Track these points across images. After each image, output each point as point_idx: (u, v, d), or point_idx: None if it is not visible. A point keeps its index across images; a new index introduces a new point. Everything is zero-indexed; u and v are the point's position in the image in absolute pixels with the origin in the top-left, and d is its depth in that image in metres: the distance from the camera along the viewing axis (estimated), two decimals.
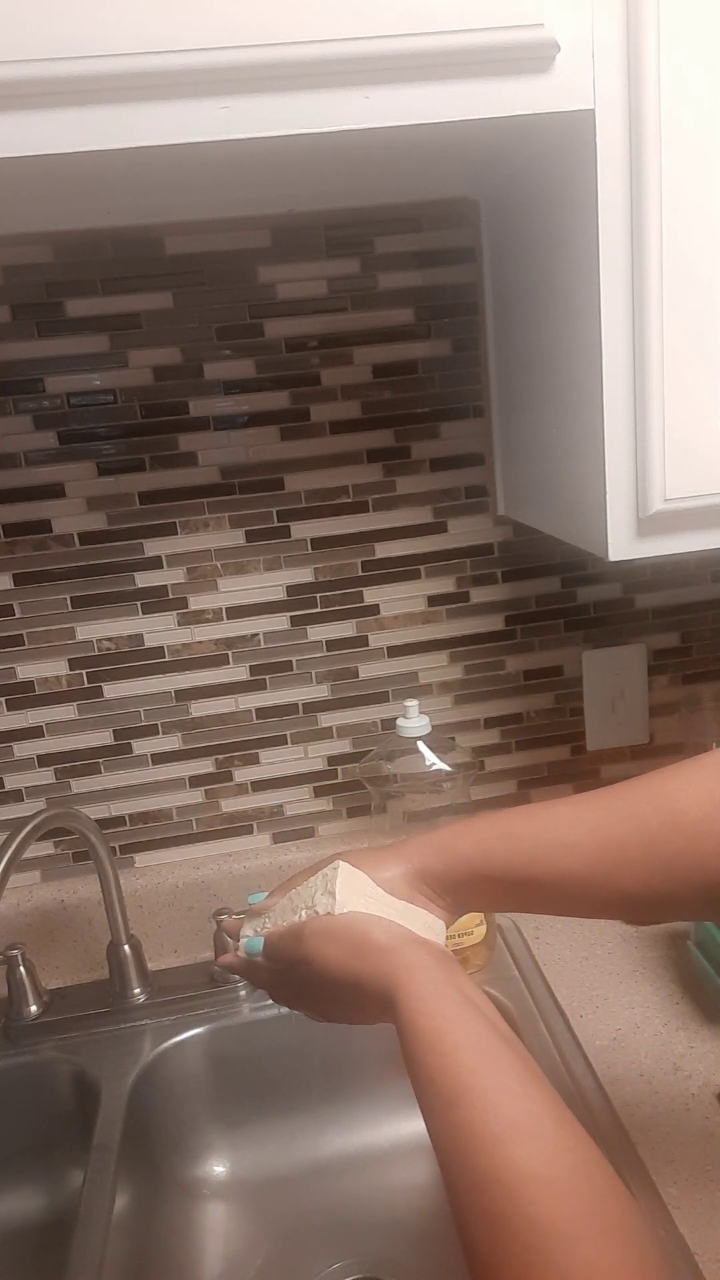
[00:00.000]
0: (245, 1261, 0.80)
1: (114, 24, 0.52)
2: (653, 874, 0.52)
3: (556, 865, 0.54)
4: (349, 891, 0.55)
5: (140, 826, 0.98)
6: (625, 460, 0.65)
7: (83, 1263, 0.64)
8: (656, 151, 0.58)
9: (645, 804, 0.53)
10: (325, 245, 0.87)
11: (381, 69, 0.55)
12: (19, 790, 0.96)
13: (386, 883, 0.57)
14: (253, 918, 0.63)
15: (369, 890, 0.56)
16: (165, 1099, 0.86)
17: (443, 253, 0.89)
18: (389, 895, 0.56)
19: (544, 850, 0.55)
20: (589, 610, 1.01)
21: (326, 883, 0.56)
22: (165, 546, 0.92)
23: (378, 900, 0.56)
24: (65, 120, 0.54)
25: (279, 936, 0.57)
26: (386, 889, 0.57)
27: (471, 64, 0.56)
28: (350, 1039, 0.89)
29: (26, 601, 0.91)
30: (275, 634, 0.96)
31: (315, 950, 0.53)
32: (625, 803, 0.54)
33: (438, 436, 0.93)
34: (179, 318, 0.87)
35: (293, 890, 0.59)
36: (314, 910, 0.56)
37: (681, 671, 1.04)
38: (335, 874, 0.56)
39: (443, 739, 0.91)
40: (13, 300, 0.85)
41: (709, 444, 0.64)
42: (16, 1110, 0.86)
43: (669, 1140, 0.70)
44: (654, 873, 0.52)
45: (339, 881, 0.55)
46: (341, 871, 0.56)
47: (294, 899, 0.59)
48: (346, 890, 0.55)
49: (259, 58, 0.54)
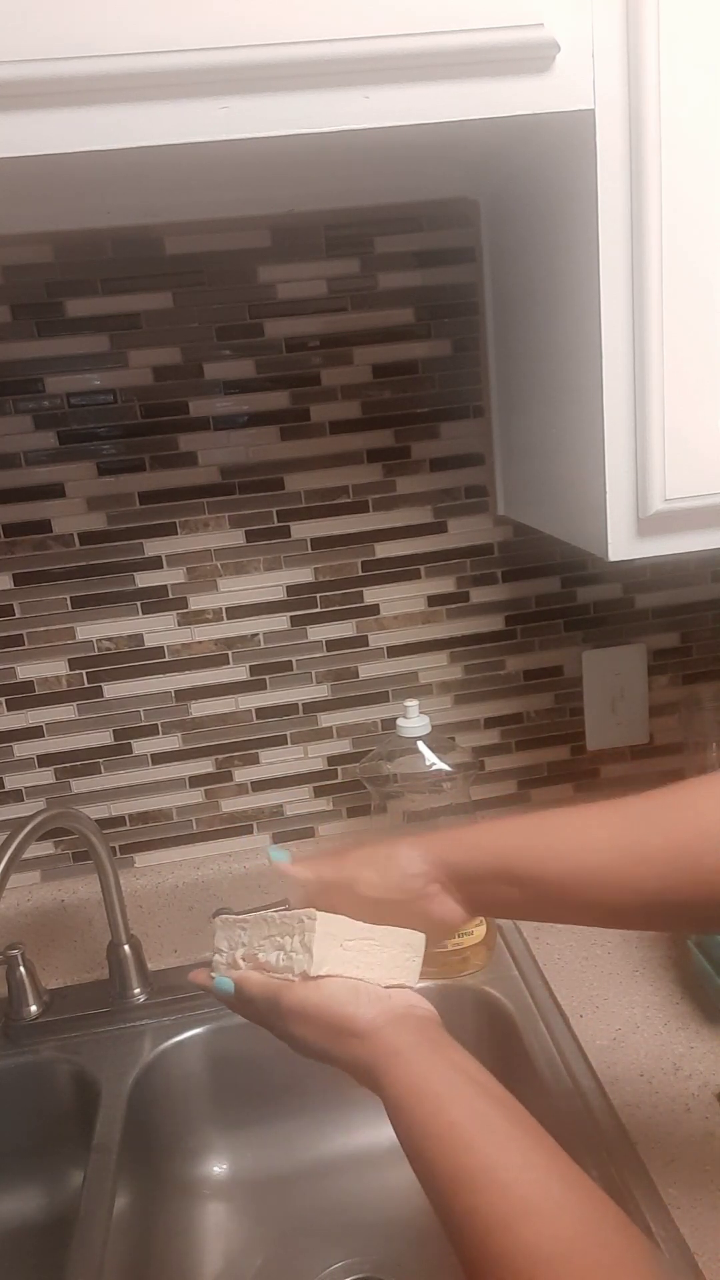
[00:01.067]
0: (245, 1261, 0.80)
1: (114, 24, 0.52)
2: (674, 875, 0.52)
3: (578, 861, 0.54)
4: (325, 946, 0.54)
5: (140, 826, 0.98)
6: (625, 460, 0.65)
7: (83, 1263, 0.64)
8: (656, 151, 0.58)
9: (672, 809, 0.53)
10: (325, 245, 0.87)
11: (381, 69, 0.55)
12: (19, 790, 0.96)
13: (403, 871, 0.57)
14: (228, 927, 0.62)
15: (347, 933, 0.55)
16: (165, 1099, 0.86)
17: (443, 253, 0.89)
18: (366, 927, 0.56)
19: (566, 846, 0.55)
20: (589, 610, 1.01)
21: (304, 936, 0.55)
22: (165, 546, 0.92)
23: (355, 945, 0.55)
24: (65, 120, 0.54)
25: (251, 995, 0.56)
26: (401, 877, 0.57)
27: (471, 64, 0.56)
28: None
29: (26, 601, 0.91)
30: (275, 634, 0.96)
31: (294, 1030, 0.54)
32: (652, 806, 0.54)
33: (438, 436, 0.93)
34: (179, 318, 0.87)
35: (271, 915, 0.58)
36: (290, 964, 0.55)
37: (681, 671, 1.04)
38: (312, 929, 0.54)
39: (443, 739, 0.91)
40: (13, 300, 0.85)
41: (709, 444, 0.64)
42: (16, 1110, 0.86)
43: (669, 1140, 0.70)
44: (676, 874, 0.52)
45: (315, 939, 0.54)
46: (319, 925, 0.54)
47: (270, 928, 0.57)
48: (323, 946, 0.54)
49: (259, 58, 0.54)
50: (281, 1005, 0.54)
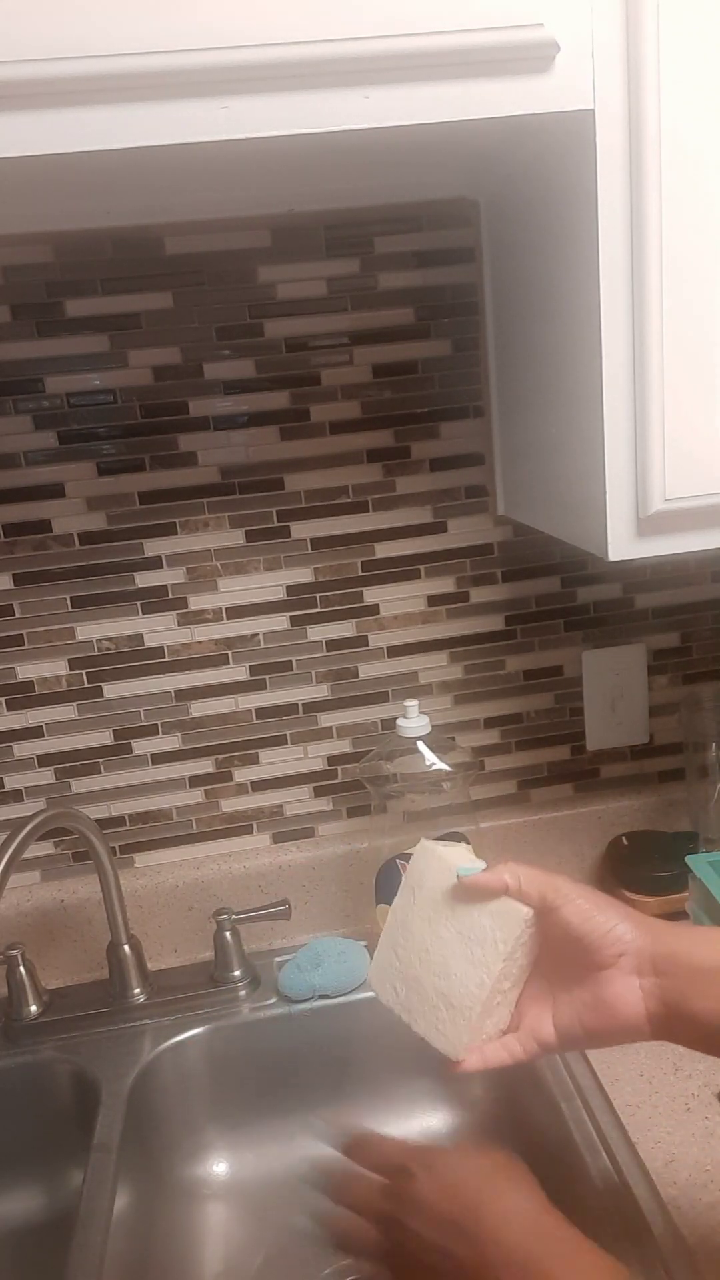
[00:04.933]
0: (245, 1261, 0.80)
1: (114, 24, 0.52)
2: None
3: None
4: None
5: (140, 826, 0.98)
6: (625, 460, 0.65)
7: (83, 1263, 0.64)
8: (656, 152, 0.58)
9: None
10: (325, 245, 0.87)
11: (381, 69, 0.55)
12: (19, 790, 0.96)
13: (609, 926, 0.53)
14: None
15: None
16: (165, 1099, 0.86)
17: (443, 253, 0.89)
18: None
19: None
20: (589, 610, 1.01)
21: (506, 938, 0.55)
22: (165, 546, 0.92)
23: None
24: (65, 120, 0.54)
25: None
26: (606, 929, 0.53)
27: (471, 64, 0.56)
28: (350, 1039, 0.89)
29: (26, 601, 0.91)
30: (275, 634, 0.96)
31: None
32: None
33: (438, 436, 0.93)
34: (179, 318, 0.87)
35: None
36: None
37: (681, 671, 1.04)
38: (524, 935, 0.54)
39: (443, 739, 0.91)
40: (13, 300, 0.85)
41: (709, 444, 0.64)
42: (16, 1110, 0.86)
43: (669, 1140, 0.70)
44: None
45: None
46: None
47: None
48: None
49: (259, 58, 0.54)
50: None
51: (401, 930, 0.59)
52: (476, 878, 0.55)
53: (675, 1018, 0.51)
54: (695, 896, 0.85)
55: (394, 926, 0.60)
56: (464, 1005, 0.55)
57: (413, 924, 0.58)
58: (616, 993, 0.52)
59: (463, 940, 0.56)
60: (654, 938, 0.53)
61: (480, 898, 0.56)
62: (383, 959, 0.60)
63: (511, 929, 0.54)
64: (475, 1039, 0.55)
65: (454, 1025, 0.55)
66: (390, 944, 0.59)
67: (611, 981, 0.52)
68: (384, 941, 0.60)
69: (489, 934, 0.55)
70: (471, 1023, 0.54)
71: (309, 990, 0.88)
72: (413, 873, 0.60)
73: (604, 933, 0.53)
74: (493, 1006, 0.55)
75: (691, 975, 0.51)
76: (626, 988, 0.52)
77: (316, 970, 0.89)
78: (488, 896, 0.55)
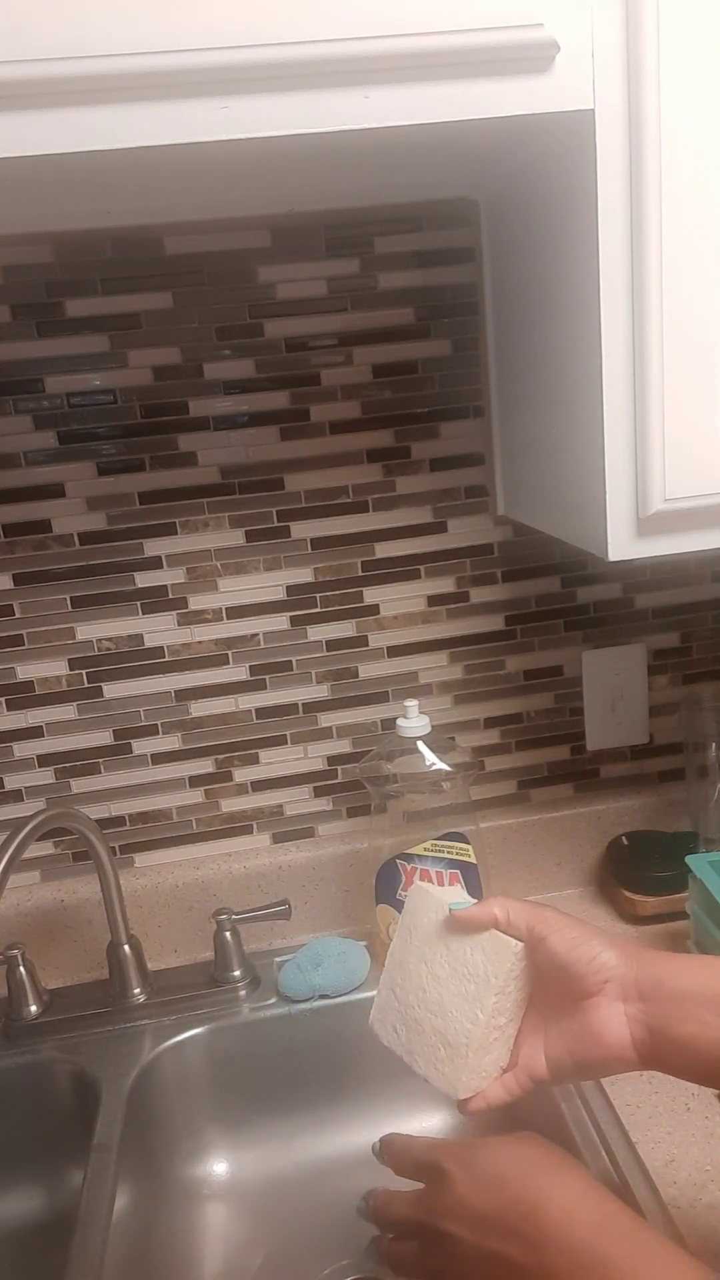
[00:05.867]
0: (245, 1261, 0.80)
1: (113, 24, 0.52)
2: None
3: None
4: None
5: (140, 826, 0.98)
6: (625, 460, 0.65)
7: (83, 1263, 0.64)
8: (656, 152, 0.58)
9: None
10: (325, 245, 0.87)
11: (381, 69, 0.55)
12: (19, 790, 0.96)
13: (595, 953, 0.53)
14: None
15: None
16: (165, 1099, 0.86)
17: (443, 253, 0.89)
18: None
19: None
20: (589, 610, 1.01)
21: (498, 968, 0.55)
22: (165, 546, 0.92)
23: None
24: (65, 120, 0.54)
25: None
26: (591, 955, 0.53)
27: (471, 64, 0.56)
28: (349, 1039, 0.89)
29: (26, 601, 0.91)
30: (275, 634, 0.96)
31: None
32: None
33: (438, 436, 0.93)
34: (179, 318, 0.87)
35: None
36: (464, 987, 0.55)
37: (681, 671, 1.04)
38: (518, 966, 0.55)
39: (443, 739, 0.91)
40: (13, 300, 0.85)
41: (709, 444, 0.64)
42: (16, 1110, 0.86)
43: (669, 1140, 0.70)
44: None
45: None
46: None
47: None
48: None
49: (259, 58, 0.54)
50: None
51: (399, 971, 0.60)
52: (466, 912, 0.56)
53: (660, 1043, 0.51)
54: (695, 896, 0.85)
55: (392, 968, 0.60)
56: (460, 1043, 0.55)
57: (409, 964, 0.59)
58: (602, 1020, 0.52)
59: (457, 977, 0.56)
60: (639, 964, 0.53)
61: (471, 931, 0.56)
62: (383, 1001, 0.60)
63: (502, 963, 0.54)
64: (475, 1076, 0.55)
65: (452, 1064, 0.55)
66: (389, 985, 0.60)
67: (597, 1009, 0.52)
68: (383, 983, 0.61)
69: (481, 969, 0.55)
70: (469, 1060, 0.55)
71: (309, 990, 0.88)
72: (408, 914, 0.60)
73: (589, 960, 0.53)
74: (489, 1043, 0.55)
75: (675, 1000, 0.51)
76: (612, 1014, 0.52)
77: (316, 970, 0.89)
78: (478, 929, 0.56)
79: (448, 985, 0.56)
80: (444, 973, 0.57)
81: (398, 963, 0.60)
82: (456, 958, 0.56)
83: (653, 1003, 0.51)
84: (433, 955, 0.58)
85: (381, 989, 0.60)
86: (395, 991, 0.59)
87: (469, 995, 0.55)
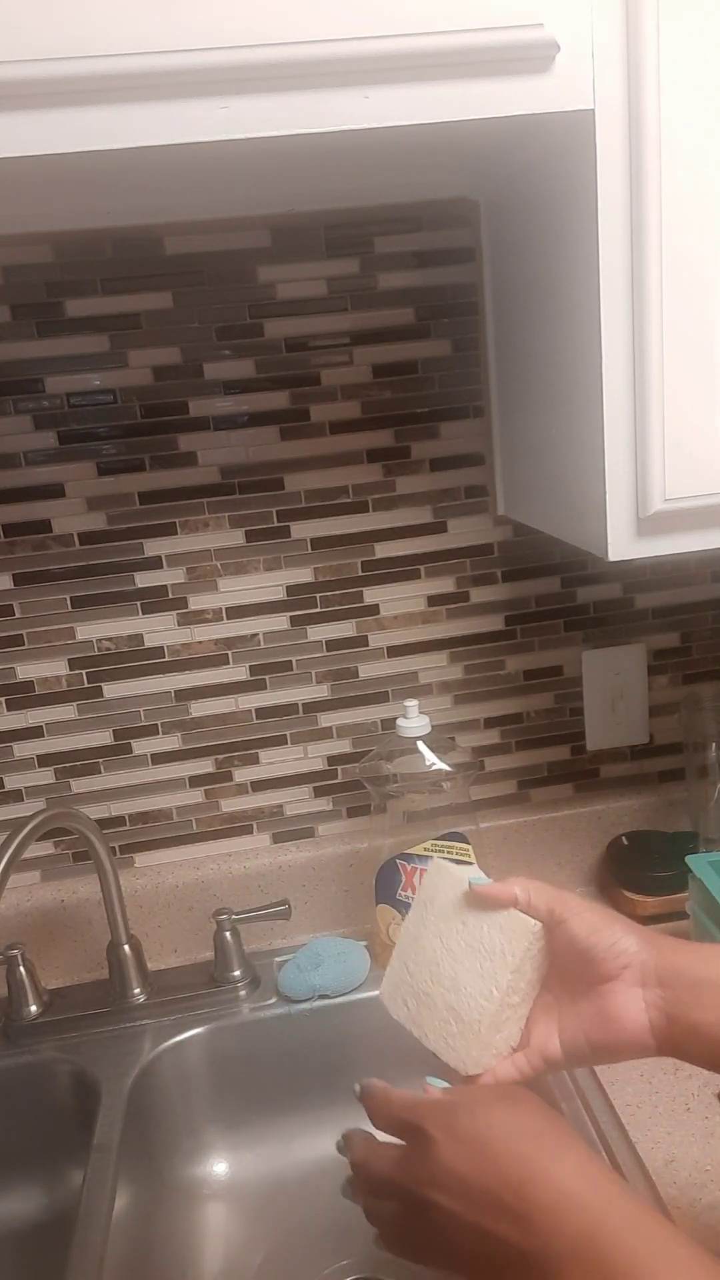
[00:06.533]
0: (245, 1261, 0.80)
1: (113, 24, 0.52)
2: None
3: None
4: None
5: (140, 826, 0.98)
6: (625, 460, 0.65)
7: (83, 1263, 0.64)
8: (656, 152, 0.58)
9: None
10: (325, 245, 0.87)
11: (381, 69, 0.55)
12: (19, 790, 0.96)
13: (615, 939, 0.53)
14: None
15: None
16: (165, 1099, 0.86)
17: (443, 253, 0.89)
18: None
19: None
20: (589, 610, 1.01)
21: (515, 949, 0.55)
22: (165, 546, 0.92)
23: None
24: (65, 120, 0.54)
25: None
26: (611, 941, 0.53)
27: (471, 64, 0.56)
28: (349, 1039, 0.89)
29: (26, 601, 0.91)
30: (275, 634, 0.96)
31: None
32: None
33: (438, 436, 0.93)
34: (179, 318, 0.87)
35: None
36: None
37: (681, 671, 1.04)
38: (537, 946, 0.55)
39: (443, 739, 0.91)
40: (13, 300, 0.85)
41: (709, 444, 0.64)
42: (16, 1110, 0.86)
43: (669, 1140, 0.70)
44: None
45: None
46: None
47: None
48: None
49: (259, 58, 0.54)
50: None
51: (413, 945, 0.59)
52: (486, 888, 0.56)
53: (678, 1030, 0.51)
54: (695, 896, 0.85)
55: (406, 942, 0.60)
56: (473, 1019, 0.55)
57: (424, 939, 0.59)
58: (620, 1004, 0.52)
59: (472, 954, 0.56)
60: (658, 952, 0.53)
61: (490, 908, 0.56)
62: (394, 975, 0.60)
63: (519, 941, 0.54)
64: (485, 1053, 0.55)
65: (463, 1039, 0.55)
66: (402, 959, 0.60)
67: (615, 994, 0.52)
68: (396, 957, 0.60)
69: (498, 947, 0.55)
70: (480, 1036, 0.54)
71: (309, 990, 0.88)
72: (425, 889, 0.60)
73: (609, 945, 0.53)
74: (502, 1021, 0.55)
75: (694, 987, 0.51)
76: (630, 999, 0.52)
77: (316, 970, 0.89)
78: (497, 907, 0.56)
79: (463, 961, 0.56)
80: (460, 949, 0.57)
81: (412, 937, 0.60)
82: (473, 934, 0.56)
83: (672, 989, 0.51)
84: (449, 931, 0.58)
85: (394, 963, 0.60)
86: (408, 965, 0.59)
87: (484, 972, 0.55)
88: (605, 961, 0.52)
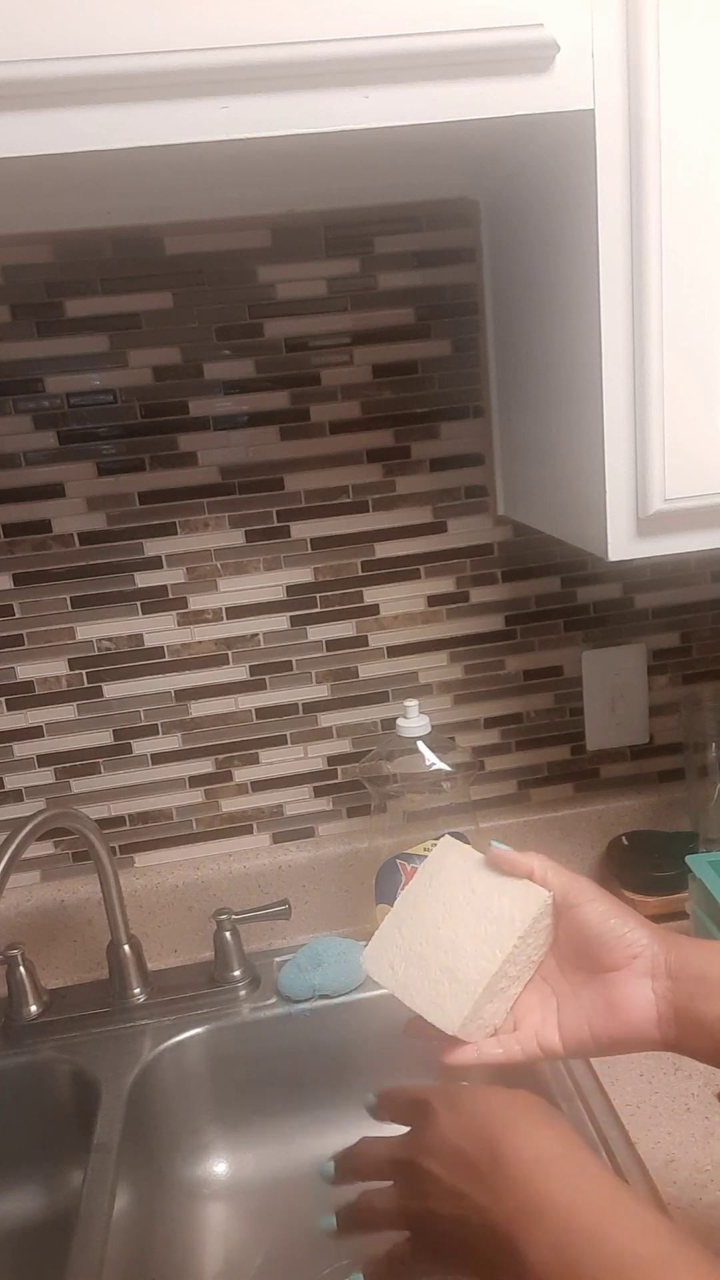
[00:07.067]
0: (245, 1261, 0.80)
1: (113, 24, 0.52)
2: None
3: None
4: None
5: (140, 826, 0.98)
6: (625, 460, 0.65)
7: (83, 1263, 0.64)
8: (656, 152, 0.58)
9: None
10: (325, 245, 0.87)
11: (381, 69, 0.55)
12: (19, 790, 0.96)
13: (625, 930, 0.53)
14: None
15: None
16: (165, 1099, 0.86)
17: (443, 253, 0.89)
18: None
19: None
20: (589, 610, 1.01)
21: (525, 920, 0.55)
22: (165, 546, 0.92)
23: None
24: (64, 120, 0.54)
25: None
26: (621, 931, 0.53)
27: (471, 64, 0.56)
28: (349, 1039, 0.89)
29: (26, 601, 0.91)
30: (275, 634, 0.96)
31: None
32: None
33: (438, 436, 0.93)
34: (179, 318, 0.87)
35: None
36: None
37: (681, 671, 1.04)
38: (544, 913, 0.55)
39: (443, 739, 0.91)
40: (13, 300, 0.85)
41: (709, 444, 0.64)
42: (16, 1110, 0.86)
43: (669, 1140, 0.70)
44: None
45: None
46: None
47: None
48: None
49: (259, 58, 0.54)
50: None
51: (411, 909, 0.59)
52: (507, 852, 0.57)
53: (685, 1023, 0.51)
54: (695, 896, 0.85)
55: (403, 908, 0.60)
56: (469, 979, 0.54)
57: (424, 904, 0.59)
58: (627, 994, 0.52)
59: (478, 918, 0.56)
60: (668, 945, 0.53)
61: (505, 873, 0.57)
62: (384, 938, 0.60)
63: (530, 909, 0.54)
64: (473, 1020, 0.54)
65: (455, 999, 0.55)
66: (395, 924, 0.60)
67: (623, 983, 0.52)
68: (388, 922, 0.60)
69: (506, 913, 0.55)
70: (475, 998, 0.54)
71: (309, 990, 0.88)
72: (432, 861, 0.61)
73: (621, 934, 0.53)
74: (496, 990, 0.55)
75: (703, 981, 0.51)
76: (638, 989, 0.52)
77: (316, 970, 0.89)
78: (512, 874, 0.56)
79: (468, 925, 0.56)
80: (465, 913, 0.57)
81: (411, 903, 0.59)
82: (481, 900, 0.56)
83: (680, 981, 0.51)
84: (454, 898, 0.58)
85: (385, 927, 0.60)
86: (401, 930, 0.59)
87: (488, 937, 0.55)
88: (615, 950, 0.52)
